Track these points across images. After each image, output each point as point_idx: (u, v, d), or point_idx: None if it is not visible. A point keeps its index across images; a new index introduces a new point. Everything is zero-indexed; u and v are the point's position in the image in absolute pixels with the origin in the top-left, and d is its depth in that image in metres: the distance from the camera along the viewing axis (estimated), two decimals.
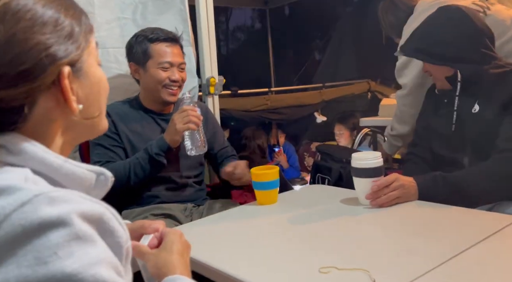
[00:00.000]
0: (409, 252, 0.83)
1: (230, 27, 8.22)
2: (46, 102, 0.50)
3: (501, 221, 0.94)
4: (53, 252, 0.40)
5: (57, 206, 0.42)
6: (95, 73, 0.57)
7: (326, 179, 2.00)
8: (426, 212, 1.10)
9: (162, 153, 1.40)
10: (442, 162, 1.36)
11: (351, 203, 1.18)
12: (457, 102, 1.31)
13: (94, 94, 0.57)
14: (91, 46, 0.57)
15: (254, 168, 1.28)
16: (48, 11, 0.50)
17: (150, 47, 1.46)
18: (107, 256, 0.45)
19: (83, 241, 0.42)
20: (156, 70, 1.46)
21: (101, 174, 0.55)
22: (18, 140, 0.49)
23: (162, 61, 1.45)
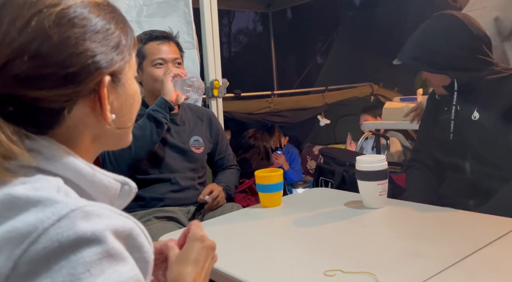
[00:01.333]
0: (415, 256, 0.83)
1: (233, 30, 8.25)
2: (83, 108, 0.51)
3: (507, 225, 0.93)
4: (86, 269, 0.41)
5: (92, 221, 0.43)
6: (131, 86, 0.58)
7: (329, 182, 1.99)
8: (432, 215, 1.09)
9: (160, 109, 1.40)
10: (444, 167, 1.36)
11: (356, 206, 1.18)
12: (454, 110, 1.30)
13: (128, 106, 0.58)
14: (132, 60, 0.58)
15: (258, 171, 1.28)
16: (100, 21, 0.52)
17: (143, 48, 1.49)
18: (134, 273, 0.46)
19: (114, 259, 0.43)
20: (151, 68, 1.49)
21: (125, 184, 0.56)
22: (53, 146, 0.50)
23: (155, 58, 1.48)
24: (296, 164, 3.76)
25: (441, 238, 0.92)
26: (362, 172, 1.15)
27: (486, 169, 1.23)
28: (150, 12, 1.76)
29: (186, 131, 1.56)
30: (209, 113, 1.70)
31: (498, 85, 1.22)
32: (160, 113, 1.39)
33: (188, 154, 1.53)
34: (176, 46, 1.55)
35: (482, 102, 1.24)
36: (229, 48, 8.36)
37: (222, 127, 1.77)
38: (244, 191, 1.76)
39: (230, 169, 1.69)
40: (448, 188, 1.34)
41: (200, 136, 1.58)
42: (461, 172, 1.27)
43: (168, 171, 1.48)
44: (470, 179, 1.27)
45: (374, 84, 4.38)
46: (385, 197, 1.15)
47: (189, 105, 1.68)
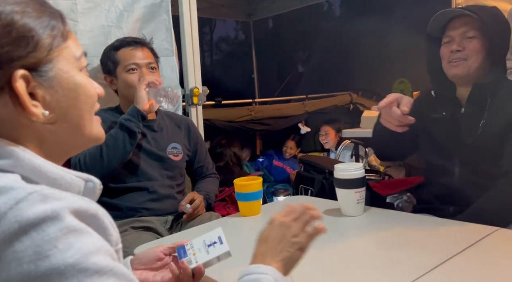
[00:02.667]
0: (392, 263, 0.84)
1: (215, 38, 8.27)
2: (5, 106, 0.50)
3: (481, 231, 0.95)
4: (53, 246, 0.42)
5: (51, 203, 0.44)
6: (71, 79, 0.55)
7: (309, 189, 2.00)
8: (409, 222, 1.11)
9: (132, 118, 1.37)
10: (433, 169, 1.34)
11: (334, 214, 1.18)
12: (455, 111, 1.28)
13: (70, 100, 0.55)
14: (66, 52, 0.56)
15: (237, 179, 1.27)
16: (7, 12, 0.50)
17: (115, 55, 1.48)
18: (103, 244, 0.46)
19: (79, 233, 0.44)
20: (125, 74, 1.47)
21: (89, 181, 0.55)
22: (5, 144, 0.50)
23: (128, 64, 1.47)
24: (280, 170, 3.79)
25: (417, 245, 0.93)
26: (340, 180, 1.15)
27: (475, 176, 1.21)
28: (131, 17, 1.74)
29: (164, 138, 1.53)
30: (187, 121, 1.68)
31: (510, 93, 1.21)
32: (132, 123, 1.37)
33: (166, 161, 1.50)
34: (151, 52, 1.53)
35: (494, 108, 1.21)
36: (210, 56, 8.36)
37: (201, 135, 1.75)
38: (223, 199, 1.74)
39: (210, 177, 1.67)
40: (430, 192, 1.33)
41: (178, 144, 1.56)
42: (450, 176, 1.26)
43: (145, 179, 1.45)
44: (457, 183, 1.25)
45: (353, 93, 4.46)
46: (362, 204, 1.16)
47: (168, 113, 1.66)
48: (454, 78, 1.28)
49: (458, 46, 1.22)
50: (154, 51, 1.56)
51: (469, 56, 1.22)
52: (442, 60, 1.29)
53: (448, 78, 1.30)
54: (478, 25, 1.21)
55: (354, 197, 1.13)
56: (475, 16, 1.20)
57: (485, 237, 0.92)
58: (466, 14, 1.22)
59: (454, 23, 1.25)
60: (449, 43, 1.26)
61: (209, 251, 0.76)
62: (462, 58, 1.23)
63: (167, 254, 0.79)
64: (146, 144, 1.48)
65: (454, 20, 1.25)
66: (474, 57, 1.22)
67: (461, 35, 1.23)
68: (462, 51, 1.22)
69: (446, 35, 1.27)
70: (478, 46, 1.21)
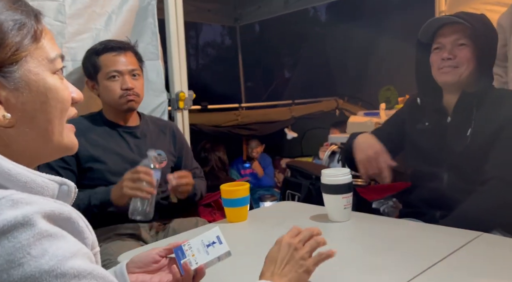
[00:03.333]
0: (378, 268, 0.83)
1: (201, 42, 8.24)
2: None
3: (466, 236, 0.96)
4: (26, 253, 0.40)
5: (21, 208, 0.42)
6: (40, 82, 0.53)
7: (296, 195, 2.00)
8: (395, 228, 1.11)
9: (101, 207, 1.29)
10: (420, 175, 1.35)
11: (321, 220, 1.17)
12: (441, 119, 1.29)
13: (38, 104, 0.53)
14: (37, 53, 0.53)
15: (224, 185, 1.25)
16: None
17: (97, 60, 1.43)
18: (79, 247, 0.45)
19: (54, 238, 0.42)
20: (107, 81, 1.43)
21: (63, 184, 0.53)
22: None
23: (109, 70, 1.42)
24: (269, 172, 3.78)
25: (403, 251, 0.93)
26: (327, 185, 1.15)
27: (462, 181, 1.22)
28: (120, 21, 1.71)
29: (147, 144, 1.50)
30: (172, 127, 1.65)
31: (498, 102, 1.22)
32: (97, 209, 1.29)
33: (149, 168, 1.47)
34: (135, 56, 1.49)
35: (480, 117, 1.22)
36: (196, 61, 8.33)
37: (186, 140, 1.73)
38: (209, 205, 1.72)
39: (199, 178, 1.64)
40: (418, 196, 1.34)
41: (162, 150, 1.53)
42: (437, 181, 1.27)
43: None
44: (445, 189, 1.26)
45: (339, 99, 4.49)
46: (349, 210, 1.16)
47: (152, 118, 1.63)
48: (444, 85, 1.29)
49: (449, 54, 1.23)
50: (139, 55, 1.52)
51: (460, 64, 1.22)
52: (431, 67, 1.29)
53: (435, 85, 1.31)
54: (469, 32, 1.21)
55: (341, 202, 1.13)
56: (466, 24, 1.20)
57: (470, 242, 0.93)
58: (457, 22, 1.22)
59: (445, 30, 1.25)
60: (440, 50, 1.26)
61: (208, 252, 0.74)
62: (453, 66, 1.23)
63: (163, 256, 0.77)
64: (129, 152, 1.45)
65: (444, 27, 1.26)
66: (465, 65, 1.22)
67: (452, 43, 1.23)
68: (453, 59, 1.23)
69: (437, 42, 1.27)
70: (469, 54, 1.22)
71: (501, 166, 1.16)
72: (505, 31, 1.83)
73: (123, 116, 1.49)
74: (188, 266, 0.72)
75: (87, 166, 1.39)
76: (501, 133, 1.18)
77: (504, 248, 0.92)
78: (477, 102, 1.24)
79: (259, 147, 3.83)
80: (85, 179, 1.39)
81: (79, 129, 0.87)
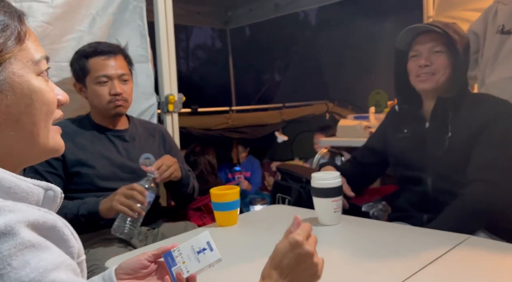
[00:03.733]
0: (368, 272, 0.83)
1: (191, 45, 8.22)
2: None
3: (454, 239, 0.97)
4: (6, 264, 0.39)
5: (4, 216, 0.41)
6: (24, 84, 0.52)
7: (286, 198, 1.99)
8: (384, 231, 1.11)
9: (89, 217, 1.27)
10: (405, 179, 1.38)
11: (311, 223, 1.16)
12: (420, 125, 1.33)
13: (23, 107, 0.52)
14: (21, 54, 0.52)
15: (213, 188, 1.24)
16: None
17: (86, 63, 1.40)
18: (63, 259, 0.43)
19: (37, 248, 0.41)
20: (95, 86, 1.40)
21: (49, 190, 0.52)
22: None
23: (99, 75, 1.40)
24: (255, 176, 3.77)
25: (393, 254, 0.93)
26: (317, 189, 1.15)
27: (446, 184, 1.25)
28: (104, 23, 1.69)
29: (136, 148, 1.49)
30: (161, 129, 1.64)
31: (473, 106, 1.26)
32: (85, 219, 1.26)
33: (137, 172, 1.45)
34: (125, 60, 1.47)
35: (456, 122, 1.26)
36: (187, 63, 8.31)
37: (176, 144, 1.71)
38: (199, 208, 1.71)
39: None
40: (405, 200, 1.36)
41: (151, 154, 1.51)
42: (422, 185, 1.30)
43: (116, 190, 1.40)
44: (430, 192, 1.29)
45: (329, 102, 4.52)
46: (339, 213, 1.16)
47: (141, 121, 1.62)
48: (423, 92, 1.33)
49: (426, 60, 1.27)
50: (129, 58, 1.51)
51: (436, 71, 1.27)
52: (409, 74, 1.34)
53: (414, 92, 1.35)
54: (444, 40, 1.26)
55: (331, 206, 1.13)
56: (441, 32, 1.25)
57: (457, 245, 0.94)
58: (432, 30, 1.27)
59: (421, 38, 1.30)
60: (417, 57, 1.30)
61: (199, 259, 0.72)
62: (430, 73, 1.27)
63: (151, 262, 0.76)
64: (117, 155, 1.43)
65: (421, 35, 1.30)
66: (441, 72, 1.27)
67: (428, 50, 1.28)
68: (430, 66, 1.27)
69: (414, 50, 1.32)
70: (445, 60, 1.26)
71: (483, 168, 1.19)
72: (478, 38, 1.93)
73: (111, 120, 1.48)
74: (181, 276, 0.71)
75: (74, 170, 1.37)
76: (479, 137, 1.21)
77: (490, 250, 0.93)
78: (453, 107, 1.28)
79: (243, 152, 3.83)
80: (73, 184, 1.37)
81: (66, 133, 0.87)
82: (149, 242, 1.40)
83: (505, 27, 1.83)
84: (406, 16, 3.07)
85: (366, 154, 1.50)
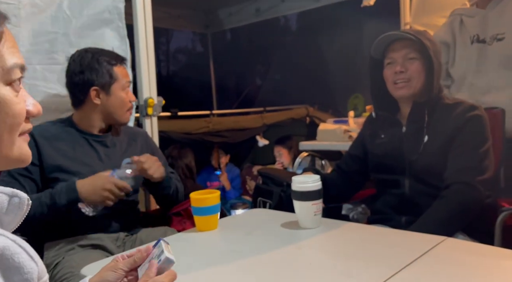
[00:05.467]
0: (347, 276, 0.84)
1: (172, 49, 8.15)
2: None
3: (431, 241, 0.98)
4: None
5: None
6: None
7: (267, 202, 1.99)
8: (364, 234, 1.12)
9: (69, 205, 1.24)
10: (383, 183, 1.40)
11: (292, 227, 1.17)
12: (397, 130, 1.36)
13: None
14: None
15: (193, 193, 1.23)
16: None
17: (113, 70, 1.41)
18: None
19: None
20: (122, 92, 1.43)
21: (14, 196, 0.48)
22: None
23: (125, 82, 1.44)
24: (236, 183, 3.75)
25: (371, 257, 0.94)
26: (297, 192, 1.15)
27: (423, 187, 1.28)
28: (80, 24, 1.65)
29: (118, 153, 1.45)
30: (143, 134, 1.62)
31: (447, 111, 1.29)
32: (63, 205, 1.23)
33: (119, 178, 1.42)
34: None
35: (431, 126, 1.29)
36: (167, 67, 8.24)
37: (157, 147, 1.69)
38: (179, 213, 1.68)
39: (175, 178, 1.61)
40: (384, 203, 1.38)
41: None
42: (400, 188, 1.32)
43: None
44: (408, 195, 1.31)
45: (309, 107, 4.56)
46: (320, 216, 1.16)
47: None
48: (400, 99, 1.36)
49: (401, 67, 1.30)
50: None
51: (412, 77, 1.30)
52: (386, 81, 1.37)
53: (390, 98, 1.38)
54: (417, 47, 1.30)
55: (311, 209, 1.13)
56: (415, 39, 1.28)
57: (434, 247, 0.95)
58: (406, 37, 1.31)
59: (395, 46, 1.34)
60: (392, 64, 1.33)
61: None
62: (406, 80, 1.31)
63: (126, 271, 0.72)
64: (98, 162, 1.40)
65: (395, 43, 1.34)
66: (416, 78, 1.30)
67: (403, 57, 1.31)
68: (405, 72, 1.30)
69: (389, 57, 1.35)
70: (419, 67, 1.30)
71: (460, 171, 1.22)
72: (448, 47, 2.02)
73: (101, 126, 1.44)
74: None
75: (53, 176, 1.32)
76: (454, 140, 1.25)
77: (467, 252, 0.95)
78: (429, 111, 1.31)
79: (223, 157, 3.82)
80: None
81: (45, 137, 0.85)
82: (127, 247, 1.37)
83: (480, 37, 1.94)
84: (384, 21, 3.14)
85: (349, 162, 1.52)
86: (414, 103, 1.32)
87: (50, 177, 1.32)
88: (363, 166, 1.47)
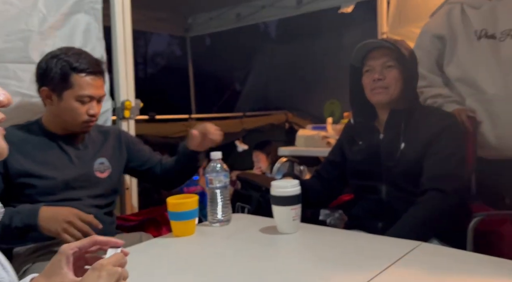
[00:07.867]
0: (325, 280, 0.84)
1: (150, 52, 8.07)
2: None
3: (406, 246, 1.00)
4: None
5: None
6: None
7: (246, 207, 1.98)
8: (341, 239, 1.13)
9: (24, 230, 1.16)
10: (360, 188, 1.42)
11: (270, 232, 1.17)
12: (375, 137, 1.38)
13: None
14: None
15: (170, 197, 1.20)
16: None
17: (72, 77, 1.29)
18: None
19: None
20: (74, 102, 1.30)
21: None
22: None
23: (83, 94, 1.30)
24: None
25: (349, 262, 0.94)
26: (276, 197, 1.15)
27: (400, 193, 1.30)
28: (55, 23, 1.61)
29: (90, 154, 1.41)
30: (116, 130, 1.56)
31: (424, 119, 1.33)
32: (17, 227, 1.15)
33: (91, 179, 1.38)
34: (104, 79, 1.39)
35: (408, 133, 1.32)
36: (145, 70, 8.13)
37: (136, 139, 1.63)
38: (154, 219, 1.65)
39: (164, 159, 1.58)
40: (361, 208, 1.40)
41: (105, 158, 1.44)
42: (377, 194, 1.34)
43: (66, 199, 1.31)
44: (385, 200, 1.33)
45: (288, 113, 4.59)
46: (298, 221, 1.16)
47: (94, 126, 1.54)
48: (378, 105, 1.39)
49: (380, 75, 1.33)
50: (104, 75, 1.41)
51: (389, 85, 1.33)
52: (364, 89, 1.40)
53: (368, 106, 1.41)
54: (395, 55, 1.33)
55: (290, 214, 1.13)
56: (392, 48, 1.32)
57: (409, 252, 0.97)
58: (385, 46, 1.34)
59: (374, 54, 1.37)
60: (371, 72, 1.36)
61: None
62: (383, 87, 1.34)
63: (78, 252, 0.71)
64: (69, 165, 1.35)
65: (373, 51, 1.37)
66: (394, 85, 1.33)
67: (381, 65, 1.34)
68: (383, 80, 1.33)
69: (367, 65, 1.38)
70: (396, 74, 1.33)
71: (435, 178, 1.25)
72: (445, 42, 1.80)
73: (67, 131, 1.38)
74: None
75: (20, 182, 1.27)
76: (430, 147, 1.28)
77: (441, 257, 0.96)
78: (405, 118, 1.34)
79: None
80: (21, 195, 1.27)
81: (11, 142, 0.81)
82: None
83: (488, 31, 1.70)
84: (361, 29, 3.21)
85: (329, 168, 1.53)
86: (392, 111, 1.35)
87: (17, 182, 1.26)
88: (342, 172, 1.49)
